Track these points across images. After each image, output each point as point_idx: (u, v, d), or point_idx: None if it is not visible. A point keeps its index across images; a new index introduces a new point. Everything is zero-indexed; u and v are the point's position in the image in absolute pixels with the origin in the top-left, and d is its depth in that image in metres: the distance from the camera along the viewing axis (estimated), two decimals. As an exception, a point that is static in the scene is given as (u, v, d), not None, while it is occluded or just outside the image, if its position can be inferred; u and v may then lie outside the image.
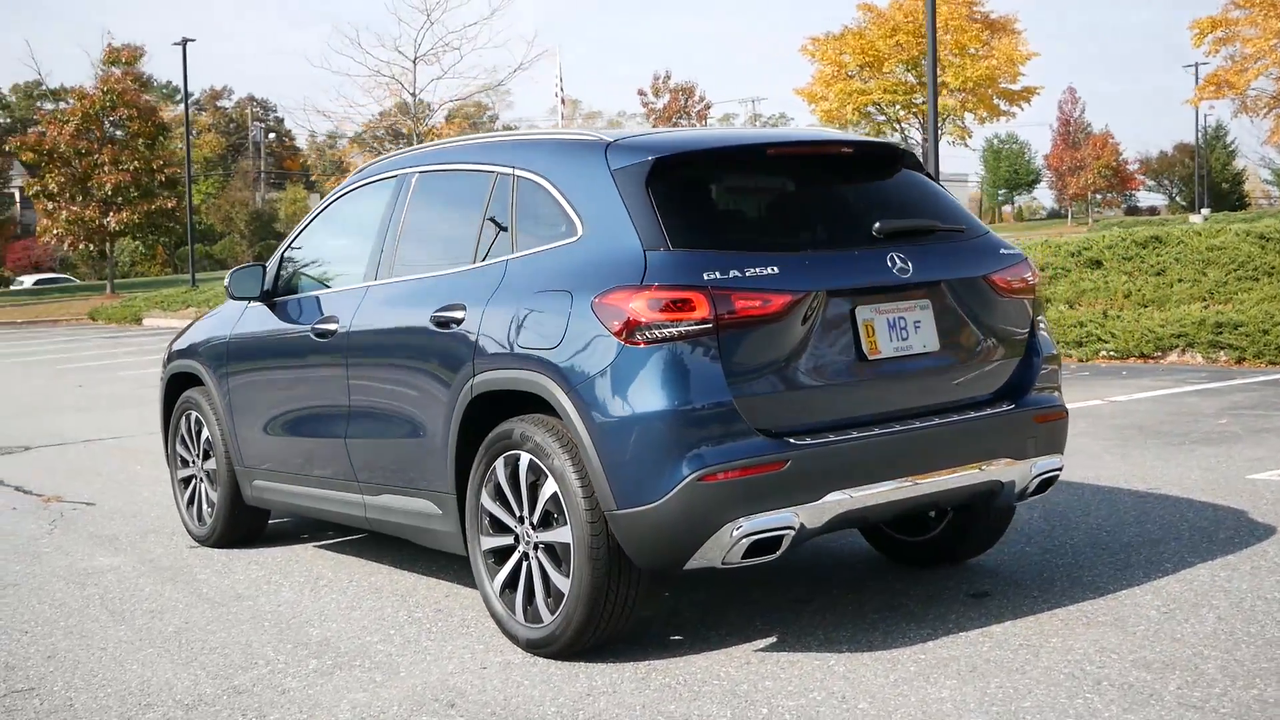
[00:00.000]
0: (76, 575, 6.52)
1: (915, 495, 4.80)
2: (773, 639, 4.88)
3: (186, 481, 7.33)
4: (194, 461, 7.23)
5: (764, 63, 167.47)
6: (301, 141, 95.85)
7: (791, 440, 4.50)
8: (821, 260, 4.75)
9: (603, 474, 4.50)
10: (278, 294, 6.52)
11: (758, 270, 4.55)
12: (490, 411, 5.01)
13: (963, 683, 4.30)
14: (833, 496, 4.53)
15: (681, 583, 5.70)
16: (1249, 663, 4.33)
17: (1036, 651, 4.56)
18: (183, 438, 7.33)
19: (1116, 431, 9.32)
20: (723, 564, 4.48)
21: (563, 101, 38.62)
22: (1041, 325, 5.35)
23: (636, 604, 4.74)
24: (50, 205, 45.35)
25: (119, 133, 45.91)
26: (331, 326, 5.93)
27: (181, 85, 45.35)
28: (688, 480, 4.35)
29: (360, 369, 5.72)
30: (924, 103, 44.23)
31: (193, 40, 42.64)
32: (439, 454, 5.23)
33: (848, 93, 50.20)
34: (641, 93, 69.19)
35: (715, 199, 5.05)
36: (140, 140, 46.58)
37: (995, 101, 50.45)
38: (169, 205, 45.67)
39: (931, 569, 5.75)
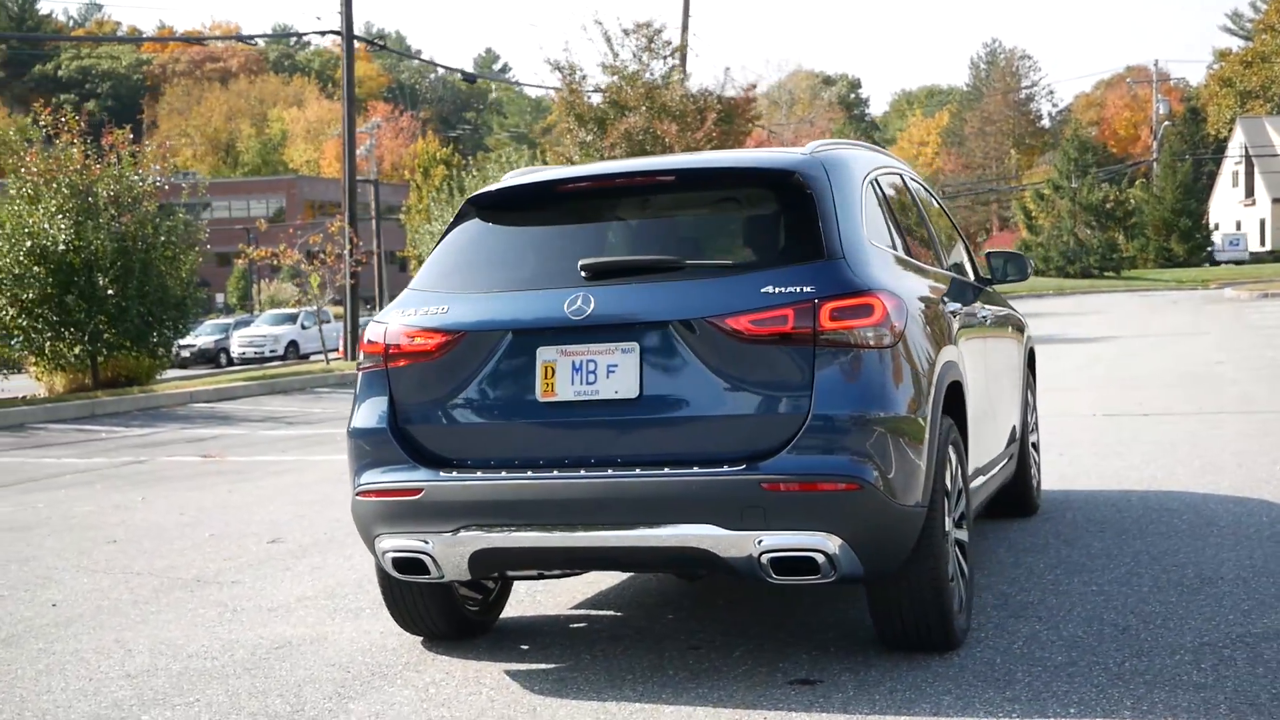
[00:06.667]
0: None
1: (576, 547, 4.55)
2: (537, 692, 4.84)
3: None
4: None
5: None
6: None
7: (441, 471, 4.74)
8: (510, 299, 4.74)
9: None
10: None
11: (429, 309, 4.82)
12: None
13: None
14: (466, 533, 4.63)
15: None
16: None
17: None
18: None
19: None
20: (393, 573, 4.91)
21: None
22: (838, 378, 4.38)
23: (431, 601, 5.23)
24: None
25: None
26: None
27: None
28: (354, 494, 4.93)
29: None
30: None
31: None
32: None
33: None
34: None
35: (488, 238, 5.11)
36: None
37: None
38: None
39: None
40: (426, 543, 4.68)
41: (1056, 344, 23.88)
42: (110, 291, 21.33)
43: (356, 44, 33.52)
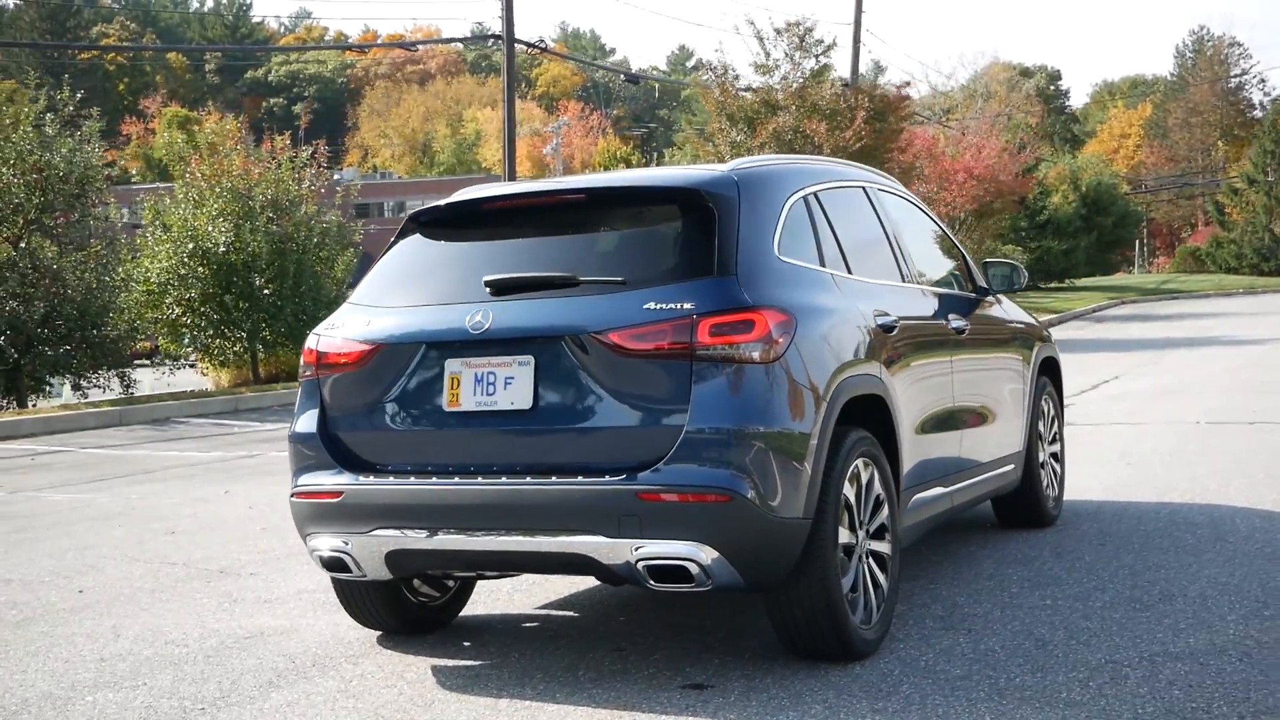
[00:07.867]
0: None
1: (475, 550, 4.76)
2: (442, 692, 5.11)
3: None
4: None
5: None
6: None
7: (361, 476, 5.01)
8: (424, 313, 4.98)
9: None
10: None
11: (353, 322, 5.11)
12: None
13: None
14: (379, 533, 4.91)
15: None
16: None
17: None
18: None
19: None
20: (322, 570, 5.22)
21: None
22: (716, 392, 4.49)
23: (377, 597, 5.50)
24: None
25: None
26: None
27: None
28: (290, 495, 5.25)
29: None
30: None
31: None
32: None
33: None
34: None
35: (421, 253, 5.33)
36: None
37: None
38: None
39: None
40: (347, 543, 4.96)
41: (1217, 346, 23.12)
42: (266, 291, 22.37)
43: (533, 46, 34.55)
